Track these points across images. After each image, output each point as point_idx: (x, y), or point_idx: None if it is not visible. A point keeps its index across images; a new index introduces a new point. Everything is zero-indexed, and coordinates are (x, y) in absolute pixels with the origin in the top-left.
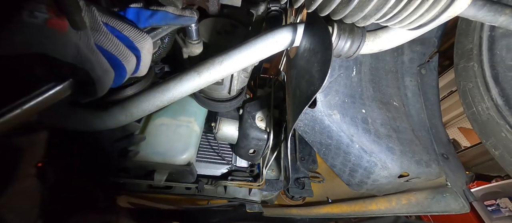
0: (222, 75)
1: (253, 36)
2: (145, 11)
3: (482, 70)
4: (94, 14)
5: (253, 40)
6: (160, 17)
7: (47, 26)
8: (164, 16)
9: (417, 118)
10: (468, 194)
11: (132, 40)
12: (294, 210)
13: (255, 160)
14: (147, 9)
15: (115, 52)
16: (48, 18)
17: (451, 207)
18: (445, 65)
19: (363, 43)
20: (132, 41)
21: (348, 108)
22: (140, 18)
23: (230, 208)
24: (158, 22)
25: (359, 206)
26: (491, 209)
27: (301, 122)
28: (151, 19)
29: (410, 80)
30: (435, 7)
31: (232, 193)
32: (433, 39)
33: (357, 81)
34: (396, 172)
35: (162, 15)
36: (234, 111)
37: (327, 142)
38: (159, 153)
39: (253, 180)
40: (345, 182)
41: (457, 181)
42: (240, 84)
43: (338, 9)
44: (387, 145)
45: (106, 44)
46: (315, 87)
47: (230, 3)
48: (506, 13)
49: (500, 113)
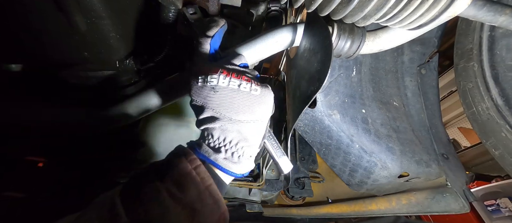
0: None
1: (253, 36)
2: (217, 35)
3: (482, 70)
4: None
5: (253, 40)
6: (222, 31)
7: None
8: (222, 30)
9: (417, 118)
10: (468, 194)
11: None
12: (294, 210)
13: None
14: (212, 35)
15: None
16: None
17: (451, 207)
18: (445, 65)
19: (363, 43)
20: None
21: (348, 108)
22: (216, 42)
23: (230, 208)
24: (222, 35)
25: (359, 206)
26: (491, 209)
27: (301, 122)
28: (219, 37)
29: (410, 80)
30: (435, 7)
31: (232, 193)
32: (433, 39)
33: (357, 81)
34: (396, 172)
35: (221, 32)
36: None
37: (327, 142)
38: (159, 153)
39: (253, 180)
40: (345, 182)
41: (457, 181)
42: None
43: (338, 9)
44: (387, 145)
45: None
46: (315, 87)
47: (230, 3)
48: (506, 13)
49: (500, 113)
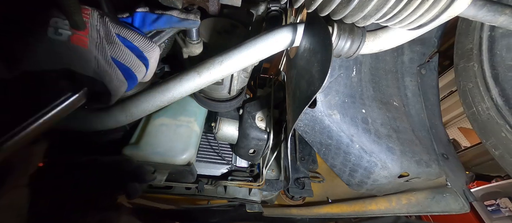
0: (222, 75)
1: (253, 36)
2: (151, 15)
3: (482, 70)
4: (108, 26)
5: (253, 40)
6: (165, 21)
7: (71, 42)
8: (168, 20)
9: (417, 118)
10: (468, 194)
11: (142, 50)
12: (294, 210)
13: (255, 160)
14: (153, 13)
15: (128, 63)
16: (71, 34)
17: (451, 207)
18: (445, 65)
19: (363, 43)
20: (141, 51)
21: (348, 108)
22: (146, 22)
23: (230, 208)
24: (163, 25)
25: (359, 206)
26: (491, 209)
27: (301, 122)
28: (156, 23)
29: (410, 80)
30: (435, 7)
31: (232, 193)
32: (433, 39)
33: (357, 81)
34: (396, 172)
35: (167, 19)
36: (234, 111)
37: (327, 142)
38: (159, 153)
39: (253, 180)
40: (345, 182)
41: (457, 181)
42: (240, 84)
43: (338, 9)
44: (387, 145)
45: (120, 56)
46: (315, 87)
47: (230, 3)
48: (506, 13)
49: (500, 113)
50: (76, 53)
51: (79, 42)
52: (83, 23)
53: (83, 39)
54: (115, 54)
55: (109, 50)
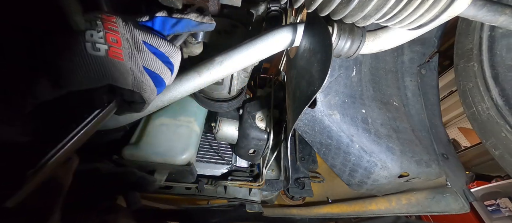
0: (222, 75)
1: (253, 36)
2: (170, 19)
3: (482, 70)
4: (134, 33)
5: (253, 40)
6: (183, 25)
7: (108, 57)
8: (187, 24)
9: (417, 118)
10: (468, 194)
11: (167, 55)
12: (294, 210)
13: (255, 160)
14: (172, 17)
15: (157, 70)
16: (107, 49)
17: (451, 207)
18: (445, 65)
19: (363, 43)
20: (167, 56)
21: (348, 108)
22: (165, 27)
23: (230, 208)
24: (181, 30)
25: (359, 206)
26: (491, 209)
27: (301, 122)
28: (175, 27)
29: (410, 80)
30: (435, 7)
31: (232, 193)
32: (433, 39)
33: (357, 81)
34: (396, 172)
35: (186, 23)
36: (234, 111)
37: (327, 142)
38: (159, 153)
39: (253, 180)
40: (345, 182)
41: (457, 181)
42: (240, 84)
43: (338, 9)
44: (387, 145)
45: (150, 64)
46: (315, 87)
47: (230, 3)
48: (506, 13)
49: (500, 113)
50: (115, 67)
51: (116, 56)
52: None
53: (118, 52)
54: (145, 63)
55: (139, 59)
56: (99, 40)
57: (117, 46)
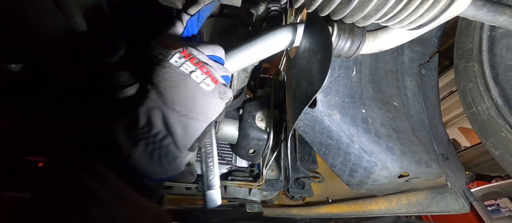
0: None
1: (253, 36)
2: (196, 16)
3: (482, 70)
4: (200, 52)
5: (253, 40)
6: (204, 15)
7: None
8: (206, 10)
9: (417, 118)
10: (468, 194)
11: (220, 57)
12: (294, 210)
13: (255, 160)
14: (194, 14)
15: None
16: (214, 87)
17: (451, 207)
18: (445, 65)
19: (363, 43)
20: (221, 57)
21: (348, 108)
22: (193, 26)
23: (230, 208)
24: (204, 19)
25: (359, 206)
26: (491, 209)
27: (301, 122)
28: (200, 20)
29: (410, 80)
30: (435, 7)
31: (232, 193)
32: (433, 39)
33: (357, 81)
34: (396, 172)
35: (205, 10)
36: (234, 111)
37: (327, 142)
38: None
39: (253, 180)
40: (345, 182)
41: (457, 181)
42: (240, 84)
43: (338, 9)
44: (387, 145)
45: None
46: (315, 87)
47: (230, 3)
48: (506, 13)
49: (500, 113)
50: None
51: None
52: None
53: (212, 77)
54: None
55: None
56: (205, 80)
57: (208, 75)
